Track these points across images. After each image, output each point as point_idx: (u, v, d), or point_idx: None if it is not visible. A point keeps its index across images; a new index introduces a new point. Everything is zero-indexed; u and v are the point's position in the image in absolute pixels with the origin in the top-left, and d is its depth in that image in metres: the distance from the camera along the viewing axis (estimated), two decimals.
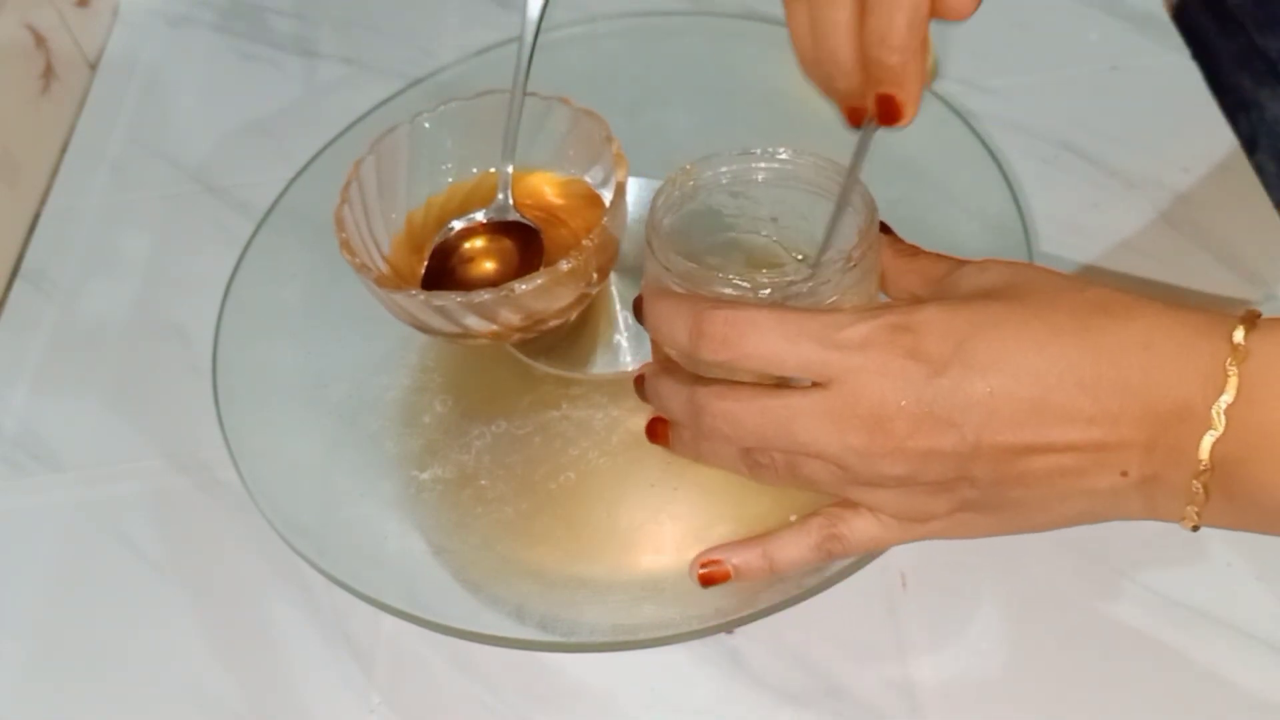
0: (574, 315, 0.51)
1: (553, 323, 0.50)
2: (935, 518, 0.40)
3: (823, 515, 0.42)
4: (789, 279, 0.41)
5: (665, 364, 0.44)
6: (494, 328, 0.49)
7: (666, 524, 0.49)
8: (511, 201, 0.54)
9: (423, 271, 0.53)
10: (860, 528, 0.41)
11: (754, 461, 0.41)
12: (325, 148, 0.62)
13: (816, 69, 0.43)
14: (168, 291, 0.64)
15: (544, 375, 0.54)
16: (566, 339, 0.55)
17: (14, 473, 0.57)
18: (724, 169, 0.47)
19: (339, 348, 0.57)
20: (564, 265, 0.47)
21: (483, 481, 0.51)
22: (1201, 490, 0.36)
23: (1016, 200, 0.55)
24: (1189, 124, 0.62)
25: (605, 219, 0.49)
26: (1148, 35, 0.67)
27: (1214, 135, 0.62)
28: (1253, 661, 0.44)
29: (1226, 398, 0.35)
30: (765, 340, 0.38)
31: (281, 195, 0.61)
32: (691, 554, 0.45)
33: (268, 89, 0.74)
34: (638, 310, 0.44)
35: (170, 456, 0.56)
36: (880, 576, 0.48)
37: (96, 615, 0.52)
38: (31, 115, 0.71)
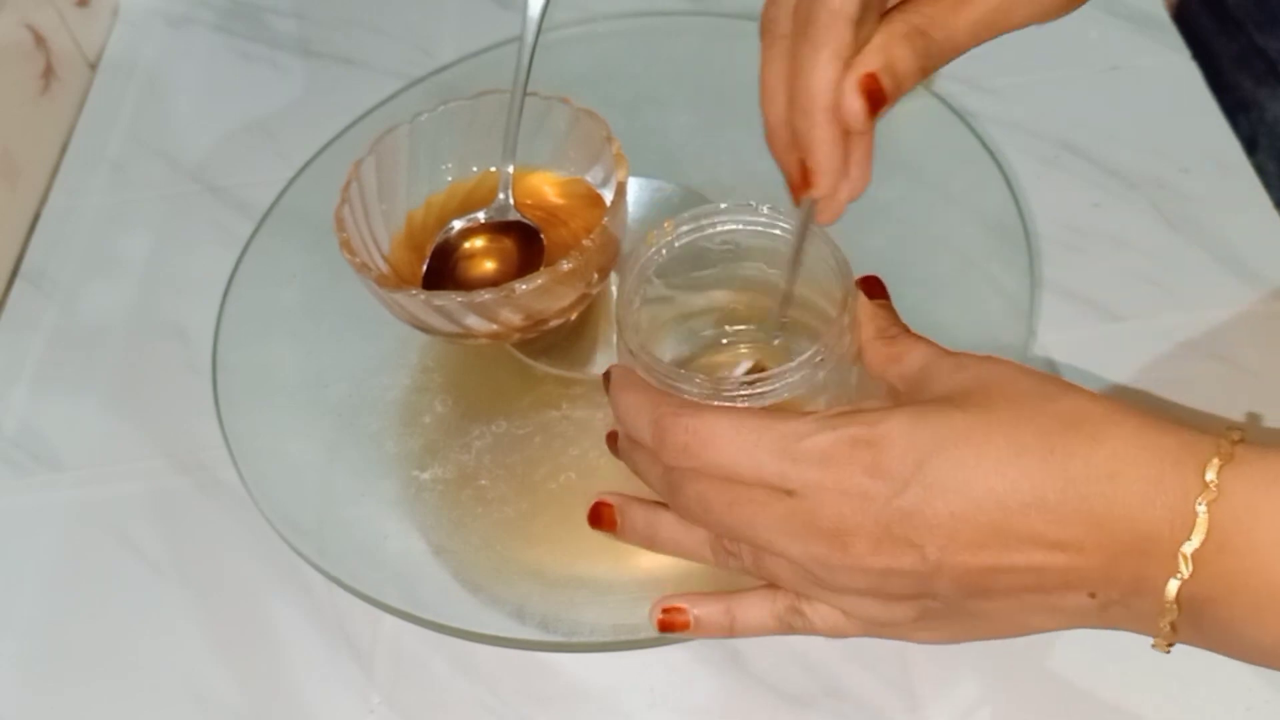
0: (574, 315, 0.51)
1: (553, 323, 0.50)
2: (898, 624, 0.39)
3: (790, 593, 0.41)
4: (757, 381, 0.40)
5: None
6: (494, 328, 0.49)
7: None
8: (512, 201, 0.54)
9: (423, 271, 0.53)
10: (824, 614, 0.40)
11: (722, 549, 0.41)
12: (325, 148, 0.62)
13: (767, 139, 0.42)
14: (167, 291, 0.64)
15: (544, 375, 0.54)
16: (567, 339, 0.55)
17: (14, 472, 0.57)
18: (706, 222, 0.46)
19: (339, 348, 0.57)
20: (565, 265, 0.47)
21: (483, 481, 0.51)
22: (1169, 627, 0.35)
23: (1016, 200, 0.55)
24: (1189, 124, 0.62)
25: (606, 219, 0.49)
26: (1148, 35, 0.67)
27: (1214, 135, 0.62)
28: (1253, 663, 0.44)
29: (1193, 544, 0.33)
30: (724, 452, 0.38)
31: (281, 195, 0.61)
32: None
33: (268, 89, 0.74)
34: (605, 385, 0.43)
35: (170, 456, 0.56)
36: None
37: (96, 615, 0.52)
38: (31, 115, 0.71)
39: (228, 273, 0.58)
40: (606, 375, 0.43)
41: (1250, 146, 0.62)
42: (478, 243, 0.54)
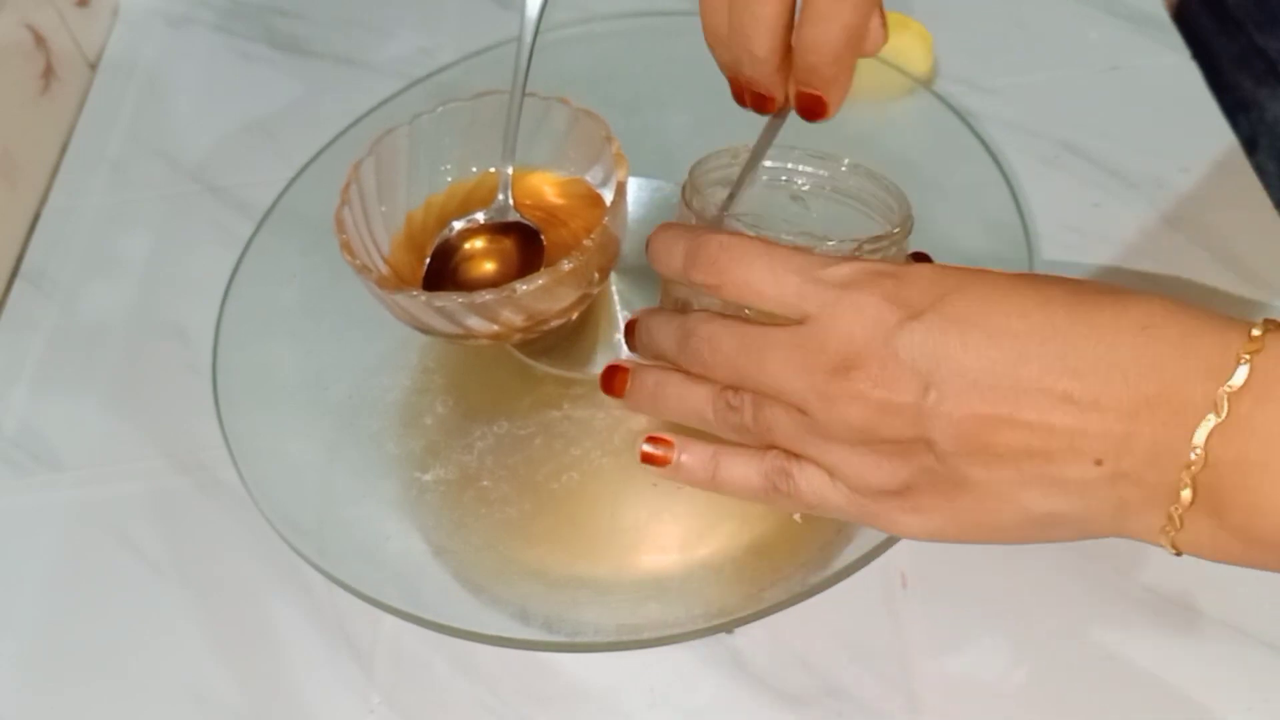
0: (575, 315, 0.51)
1: (554, 323, 0.50)
2: (888, 491, 0.37)
3: (781, 453, 0.40)
4: (830, 243, 0.41)
5: (654, 310, 0.45)
6: (495, 328, 0.49)
7: (669, 524, 0.49)
8: (511, 202, 0.54)
9: (423, 272, 0.53)
10: (812, 478, 0.39)
11: (724, 404, 0.40)
12: (325, 148, 0.62)
13: (724, 50, 0.42)
14: (167, 291, 0.64)
15: (545, 375, 0.54)
16: (568, 339, 0.55)
17: (14, 472, 0.57)
18: (774, 164, 0.47)
19: (339, 348, 0.57)
20: (565, 265, 0.47)
21: (485, 482, 0.51)
22: (1189, 493, 0.32)
23: (1016, 200, 0.55)
24: (1189, 124, 0.62)
25: (606, 219, 0.49)
26: (1148, 35, 0.67)
27: (1214, 135, 0.62)
28: (1253, 661, 0.44)
29: (1234, 382, 0.31)
30: (752, 269, 0.38)
31: (281, 195, 0.61)
32: (694, 553, 0.45)
33: (268, 89, 0.74)
34: (648, 248, 0.44)
35: (170, 456, 0.56)
36: (880, 576, 0.48)
37: (96, 615, 0.52)
38: (31, 115, 0.71)
39: (228, 273, 0.58)
40: (630, 324, 0.45)
41: (1250, 146, 0.62)
42: (478, 243, 0.54)
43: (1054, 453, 0.34)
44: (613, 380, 0.45)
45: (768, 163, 0.47)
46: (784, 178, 0.48)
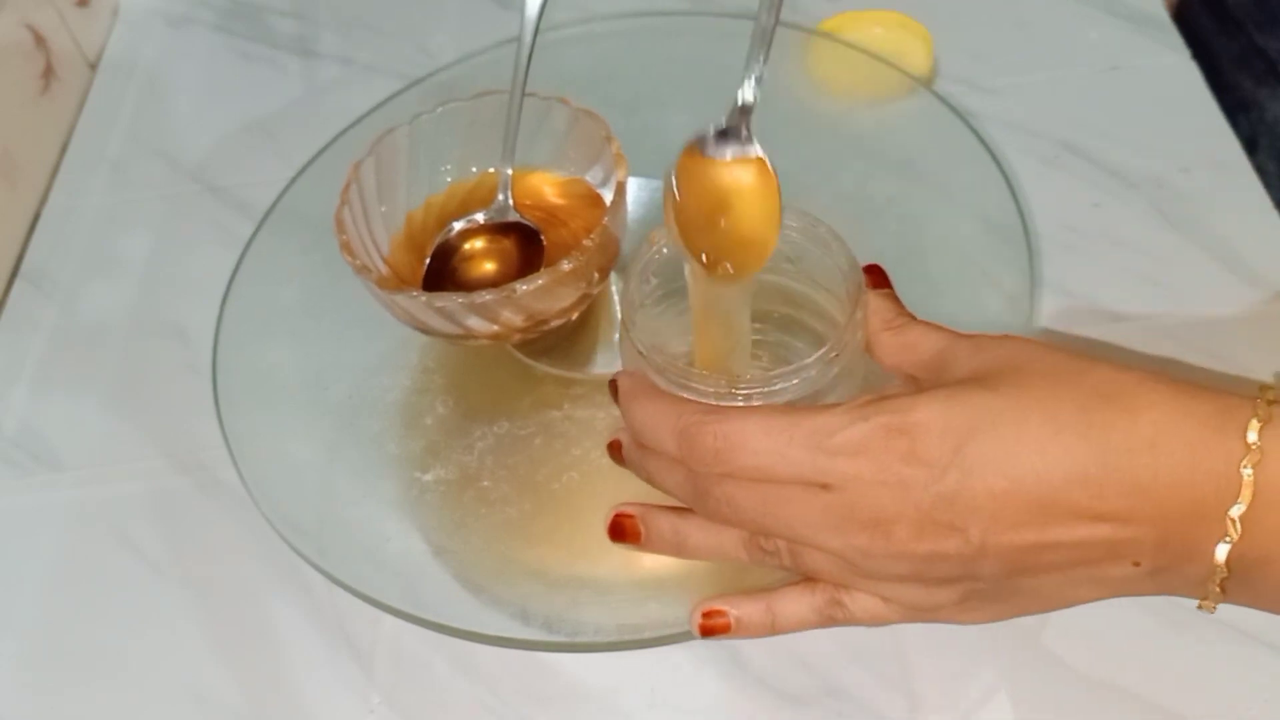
0: (575, 315, 0.51)
1: (554, 323, 0.50)
2: (941, 608, 0.39)
3: (829, 585, 0.41)
4: (770, 377, 0.39)
5: None
6: (495, 328, 0.49)
7: None
8: (511, 202, 0.54)
9: (423, 273, 0.53)
10: (865, 603, 0.40)
11: (757, 547, 0.40)
12: (325, 148, 0.62)
13: None
14: (167, 291, 0.64)
15: (545, 375, 0.54)
16: (568, 339, 0.55)
17: (14, 472, 0.57)
18: None
19: (339, 349, 0.57)
20: (565, 265, 0.47)
21: (485, 482, 0.51)
22: (1218, 589, 0.35)
23: (1016, 200, 0.55)
24: (1189, 124, 0.62)
25: (606, 219, 0.49)
26: (1148, 35, 0.67)
27: (1214, 135, 0.62)
28: (1253, 661, 0.44)
29: (1240, 506, 0.34)
30: (757, 454, 0.37)
31: (281, 196, 0.61)
32: None
33: (268, 89, 0.74)
34: (613, 394, 0.42)
35: (170, 456, 0.56)
36: None
37: (96, 615, 0.52)
38: (31, 115, 0.71)
39: (228, 273, 0.58)
40: (613, 384, 0.43)
41: (1250, 146, 0.62)
42: (478, 244, 0.54)
43: (1094, 560, 0.36)
44: (623, 530, 0.43)
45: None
46: None
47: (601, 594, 0.48)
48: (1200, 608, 0.37)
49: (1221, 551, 0.34)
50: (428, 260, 0.53)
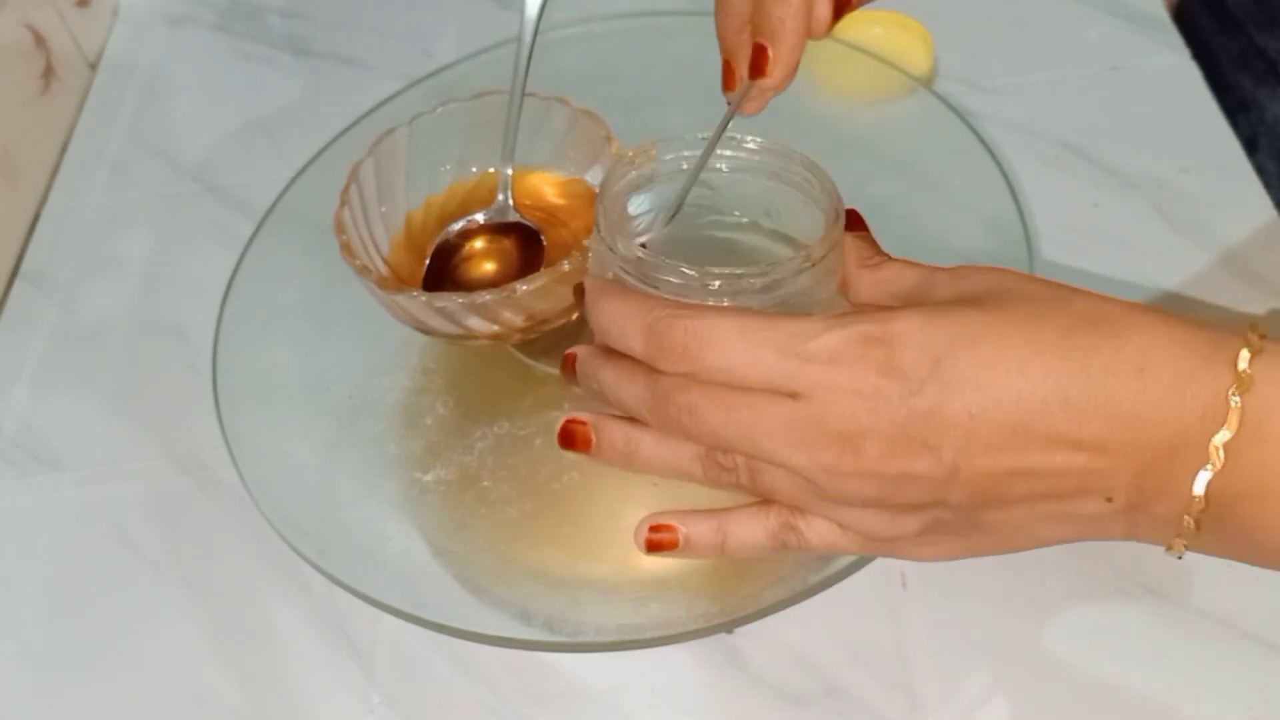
0: (575, 315, 0.51)
1: (554, 323, 0.51)
2: (899, 539, 0.38)
3: (784, 508, 0.39)
4: (739, 272, 0.38)
5: (606, 348, 0.40)
6: (496, 329, 0.49)
7: None
8: (511, 202, 0.54)
9: (423, 273, 0.53)
10: (821, 530, 0.38)
11: (714, 463, 0.38)
12: (325, 148, 0.62)
13: (717, 14, 0.43)
14: (167, 291, 0.64)
15: (545, 376, 0.54)
16: (568, 339, 0.55)
17: (14, 472, 0.57)
18: (687, 154, 0.44)
19: (339, 349, 0.57)
20: (565, 265, 0.47)
21: (485, 482, 0.51)
22: (1193, 524, 0.34)
23: (1016, 200, 0.55)
24: (1189, 124, 0.62)
25: None
26: (1148, 35, 0.67)
27: (1214, 135, 0.62)
28: (1253, 661, 0.44)
29: (1226, 433, 0.32)
30: (728, 352, 0.35)
31: (281, 196, 0.61)
32: None
33: (268, 89, 0.74)
34: (578, 299, 0.41)
35: (170, 456, 0.56)
36: (880, 576, 0.48)
37: (96, 615, 0.52)
38: (31, 115, 0.71)
39: (228, 273, 0.58)
40: (579, 287, 0.41)
41: (1250, 146, 0.62)
42: (478, 244, 0.54)
43: (1065, 493, 0.35)
44: (573, 437, 0.41)
45: (668, 156, 0.44)
46: (684, 165, 0.44)
47: (602, 594, 0.48)
48: (1169, 550, 0.35)
49: (1201, 481, 0.33)
50: (428, 260, 0.53)
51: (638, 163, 0.44)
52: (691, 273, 0.38)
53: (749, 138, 0.43)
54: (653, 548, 0.40)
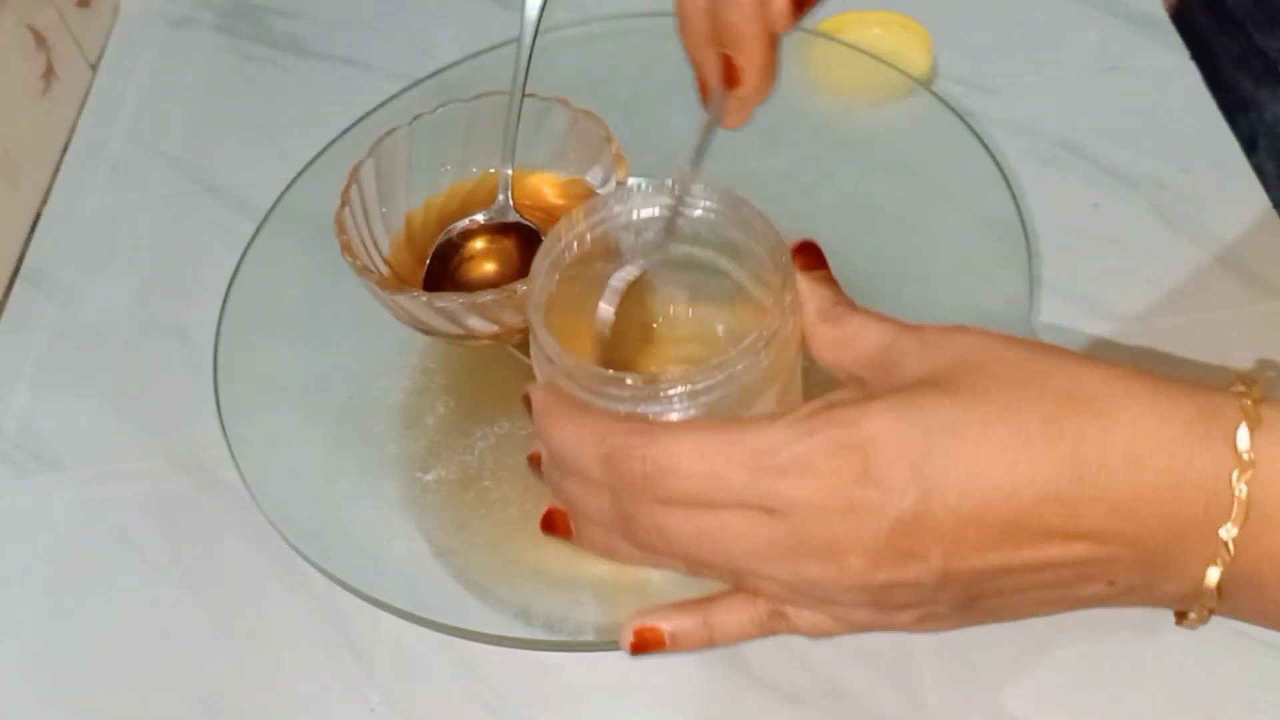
0: None
1: None
2: (895, 626, 0.36)
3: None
4: (691, 376, 0.36)
5: None
6: (496, 329, 0.49)
7: None
8: (511, 202, 0.54)
9: (424, 273, 0.53)
10: (810, 619, 0.36)
11: (698, 568, 0.36)
12: (325, 148, 0.62)
13: (681, 32, 0.41)
14: (168, 291, 0.64)
15: None
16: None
17: (14, 472, 0.57)
18: (618, 209, 0.41)
19: (340, 349, 0.57)
20: None
21: (486, 482, 0.51)
22: (1205, 610, 0.33)
23: (1016, 200, 0.55)
24: (1189, 124, 0.62)
25: None
26: (1148, 35, 0.67)
27: (1214, 135, 0.62)
28: (1253, 661, 0.45)
29: (1234, 528, 0.30)
30: (692, 479, 0.33)
31: (282, 196, 0.61)
32: None
33: (268, 89, 0.74)
34: (527, 408, 0.38)
35: (171, 456, 0.56)
36: None
37: (97, 615, 0.52)
38: (32, 115, 0.71)
39: (228, 273, 0.58)
40: (526, 398, 0.38)
41: (1250, 146, 0.62)
42: (478, 244, 0.54)
43: (1065, 581, 0.33)
44: (554, 525, 0.39)
45: (595, 217, 0.41)
46: (613, 229, 0.41)
47: (602, 594, 0.48)
48: (1181, 624, 0.34)
49: (1213, 575, 0.31)
50: (428, 261, 0.54)
51: (562, 235, 0.40)
52: (637, 384, 0.36)
53: (699, 198, 0.40)
54: (638, 650, 0.38)
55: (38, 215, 0.69)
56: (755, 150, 0.42)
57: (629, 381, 0.35)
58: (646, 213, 0.41)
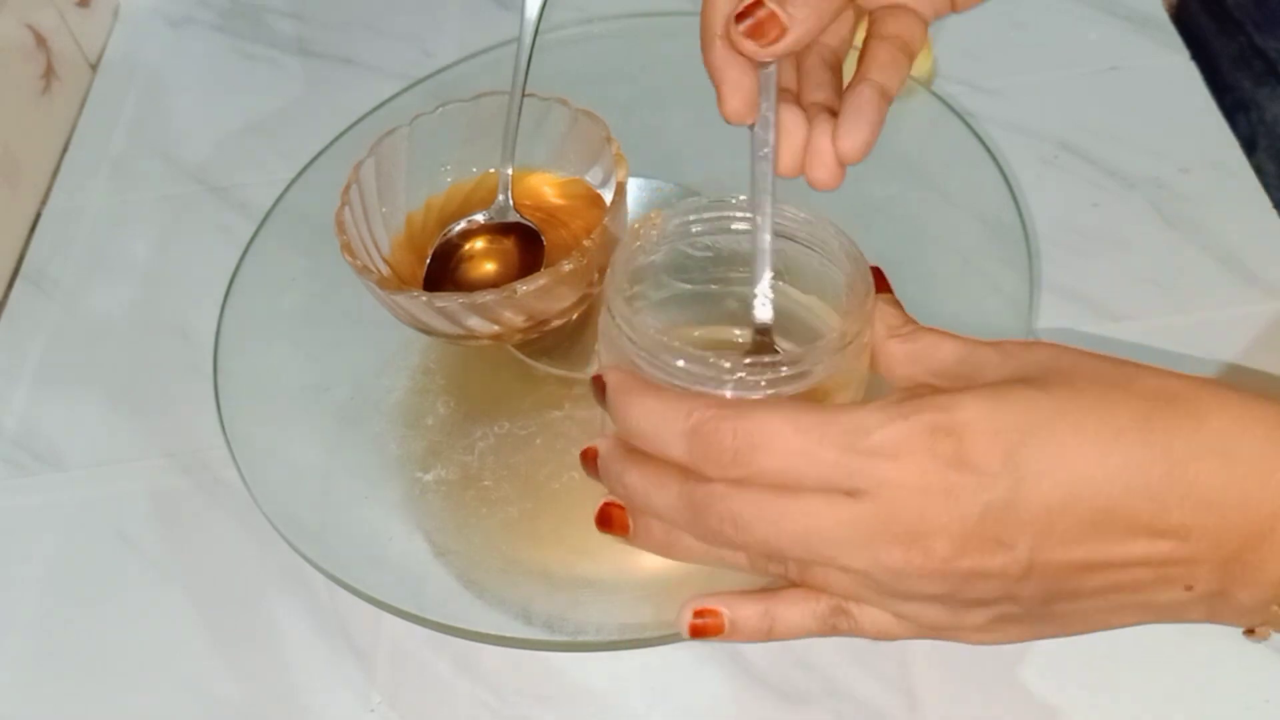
0: (576, 315, 0.52)
1: (555, 323, 0.51)
2: (962, 629, 0.35)
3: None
4: (773, 361, 0.36)
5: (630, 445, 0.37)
6: (496, 329, 0.49)
7: None
8: (511, 202, 0.54)
9: (424, 273, 0.53)
10: (874, 617, 0.36)
11: (762, 564, 0.36)
12: (325, 148, 0.62)
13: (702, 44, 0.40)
14: (168, 291, 0.64)
15: (546, 376, 0.54)
16: (568, 339, 0.55)
17: (15, 472, 0.57)
18: (694, 218, 0.41)
19: (340, 349, 0.57)
20: (566, 266, 0.47)
21: (486, 482, 0.51)
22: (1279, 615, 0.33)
23: (1016, 200, 0.55)
24: (1189, 124, 0.62)
25: (606, 219, 0.49)
26: (1148, 35, 0.67)
27: (1213, 135, 0.62)
28: (1253, 661, 0.45)
29: None
30: (784, 454, 0.33)
31: (282, 196, 0.61)
32: None
33: (268, 89, 0.74)
34: (599, 393, 0.37)
35: (171, 456, 0.56)
36: None
37: (97, 614, 0.52)
38: (32, 115, 0.71)
39: (229, 273, 0.58)
40: (598, 380, 0.37)
41: (1250, 146, 0.62)
42: (478, 244, 0.54)
43: (1145, 583, 0.33)
44: (610, 520, 0.38)
45: (674, 221, 0.41)
46: (694, 229, 0.42)
47: (603, 594, 0.48)
48: (1249, 635, 0.34)
49: None
50: (428, 261, 0.54)
51: (643, 233, 0.41)
52: (723, 363, 0.35)
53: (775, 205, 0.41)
54: (697, 633, 0.37)
55: (38, 215, 0.69)
56: None
57: (714, 360, 0.35)
58: (730, 225, 0.41)
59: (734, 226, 0.41)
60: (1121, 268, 0.57)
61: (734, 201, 0.41)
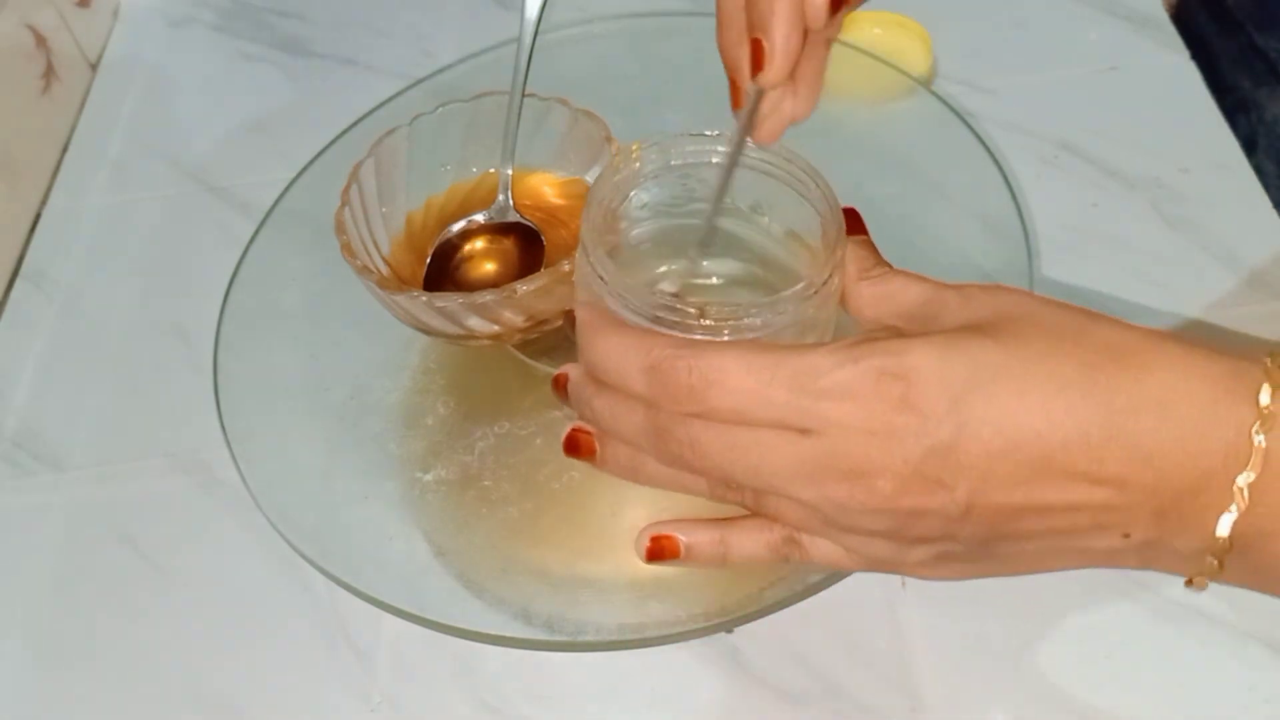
0: None
1: (554, 323, 0.51)
2: (905, 564, 0.37)
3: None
4: (739, 308, 0.37)
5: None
6: (496, 329, 0.49)
7: None
8: (511, 202, 0.54)
9: (424, 273, 0.53)
10: (823, 546, 0.37)
11: (720, 489, 0.38)
12: (325, 148, 0.62)
13: (718, 32, 0.41)
14: (168, 291, 0.64)
15: (546, 376, 0.54)
16: (568, 339, 0.55)
17: (15, 472, 0.57)
18: (674, 151, 0.42)
19: (340, 349, 0.57)
20: (565, 266, 0.47)
21: (486, 482, 0.52)
22: (1216, 563, 0.33)
23: (1016, 200, 0.55)
24: (1189, 124, 0.62)
25: None
26: (1147, 35, 0.67)
27: (1213, 135, 0.62)
28: (1252, 661, 0.45)
29: (1250, 474, 0.32)
30: (736, 393, 0.34)
31: (282, 196, 0.61)
32: None
33: (268, 89, 0.74)
34: (569, 325, 0.39)
35: (171, 456, 0.56)
36: (880, 576, 0.48)
37: (97, 614, 0.52)
38: (32, 115, 0.71)
39: (228, 273, 0.58)
40: (569, 315, 0.39)
41: (1249, 147, 0.62)
42: (478, 244, 0.54)
43: (1081, 529, 0.34)
44: (577, 445, 0.39)
45: (652, 156, 0.42)
46: (672, 162, 0.42)
47: (602, 594, 0.48)
48: (1189, 585, 0.35)
49: (1225, 523, 0.32)
50: (428, 261, 0.54)
51: (621, 167, 0.42)
52: (688, 309, 0.36)
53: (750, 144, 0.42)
54: (653, 556, 0.39)
55: (38, 215, 0.69)
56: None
57: (680, 305, 0.36)
58: (710, 159, 0.42)
59: (714, 160, 0.42)
60: (1121, 268, 0.57)
61: (712, 135, 0.42)
